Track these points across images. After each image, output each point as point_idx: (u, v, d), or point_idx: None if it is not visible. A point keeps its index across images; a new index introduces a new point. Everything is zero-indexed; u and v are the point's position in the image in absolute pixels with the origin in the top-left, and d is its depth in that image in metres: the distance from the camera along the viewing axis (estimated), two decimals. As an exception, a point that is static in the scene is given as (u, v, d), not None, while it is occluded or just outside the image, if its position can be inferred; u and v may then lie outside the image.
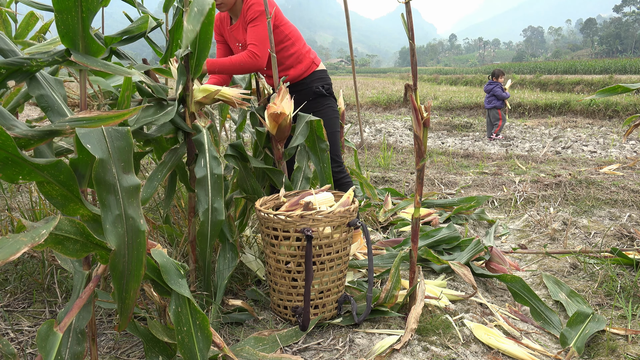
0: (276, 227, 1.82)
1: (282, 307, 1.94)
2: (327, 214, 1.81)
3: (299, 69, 2.44)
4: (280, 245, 1.84)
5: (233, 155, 2.15)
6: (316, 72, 2.49)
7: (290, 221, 1.78)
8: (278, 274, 1.89)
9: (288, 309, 1.91)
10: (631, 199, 3.78)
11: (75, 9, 1.21)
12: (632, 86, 2.63)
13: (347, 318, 1.93)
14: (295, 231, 1.79)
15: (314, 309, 1.90)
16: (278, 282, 1.90)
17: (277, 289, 1.93)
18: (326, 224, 1.81)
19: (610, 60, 34.46)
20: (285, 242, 1.82)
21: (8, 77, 1.23)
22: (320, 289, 1.89)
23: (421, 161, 1.80)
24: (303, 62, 2.41)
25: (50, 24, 3.37)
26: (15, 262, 2.23)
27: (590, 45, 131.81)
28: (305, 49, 2.45)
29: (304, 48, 2.46)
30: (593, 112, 11.10)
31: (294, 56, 2.39)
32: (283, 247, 1.84)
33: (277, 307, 1.97)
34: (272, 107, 2.09)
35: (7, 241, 0.93)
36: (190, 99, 1.91)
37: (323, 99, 2.50)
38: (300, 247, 1.82)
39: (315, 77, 2.48)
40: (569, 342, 1.79)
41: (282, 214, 1.80)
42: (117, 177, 1.12)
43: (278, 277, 1.89)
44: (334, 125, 2.54)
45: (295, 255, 1.84)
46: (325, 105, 2.53)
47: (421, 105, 1.75)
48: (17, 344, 1.70)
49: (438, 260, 2.42)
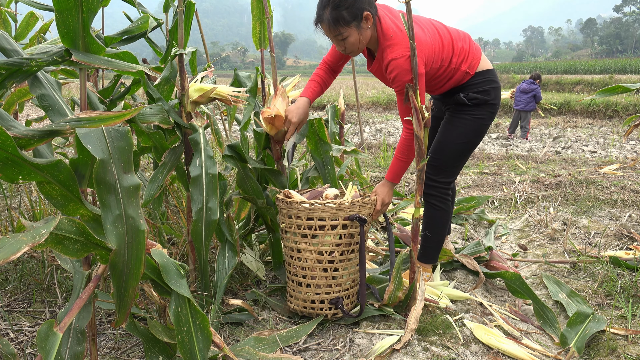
0: (323, 217, 1.81)
1: (317, 302, 1.91)
2: (368, 202, 1.89)
3: (448, 86, 2.08)
4: (325, 235, 1.83)
5: (231, 156, 2.15)
6: (470, 80, 2.05)
7: (342, 209, 1.81)
8: (319, 267, 1.87)
9: (325, 303, 1.90)
10: (631, 199, 3.78)
11: (76, 9, 1.21)
12: (632, 86, 2.63)
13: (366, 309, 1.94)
14: (344, 218, 1.82)
15: (347, 298, 1.94)
16: (317, 275, 1.88)
17: (314, 284, 1.89)
18: (368, 211, 1.88)
19: (610, 60, 34.47)
20: (332, 231, 1.83)
21: (8, 78, 1.23)
22: (353, 278, 1.92)
23: (422, 161, 1.80)
24: (454, 77, 2.03)
25: (50, 24, 3.37)
26: (15, 262, 2.23)
27: (590, 45, 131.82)
28: (456, 63, 2.01)
29: (456, 60, 2.01)
30: (593, 112, 11.10)
31: (442, 76, 2.04)
32: (328, 237, 1.84)
33: (309, 303, 1.92)
34: (266, 111, 2.04)
35: (7, 241, 0.93)
36: (187, 98, 1.91)
37: (463, 107, 2.08)
38: (346, 235, 1.85)
39: (466, 85, 2.06)
40: (569, 342, 1.79)
41: (332, 202, 1.82)
42: (117, 177, 1.12)
43: (319, 270, 1.87)
44: (464, 136, 2.07)
45: (340, 244, 1.86)
46: (459, 114, 2.09)
47: (422, 105, 1.75)
48: (17, 344, 1.70)
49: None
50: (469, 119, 2.06)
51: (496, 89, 2.09)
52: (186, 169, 1.98)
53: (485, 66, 2.08)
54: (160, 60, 2.38)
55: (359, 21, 1.80)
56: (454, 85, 2.07)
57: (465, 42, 2.04)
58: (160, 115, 1.83)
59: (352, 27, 1.80)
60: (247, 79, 2.69)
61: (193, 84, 1.99)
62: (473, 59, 2.03)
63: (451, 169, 2.13)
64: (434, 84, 2.07)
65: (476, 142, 2.13)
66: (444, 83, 2.06)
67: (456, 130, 2.08)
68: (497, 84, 2.10)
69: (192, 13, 2.01)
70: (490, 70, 2.09)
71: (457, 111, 2.08)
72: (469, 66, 2.03)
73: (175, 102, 1.96)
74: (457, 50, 2.00)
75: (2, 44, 1.30)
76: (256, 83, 2.68)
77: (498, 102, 2.11)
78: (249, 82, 2.67)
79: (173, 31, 2.11)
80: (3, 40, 1.31)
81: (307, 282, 1.90)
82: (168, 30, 2.33)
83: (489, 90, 2.05)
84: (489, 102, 2.06)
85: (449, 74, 2.02)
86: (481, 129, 2.10)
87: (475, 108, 2.06)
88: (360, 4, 1.78)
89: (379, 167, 5.42)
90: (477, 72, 2.05)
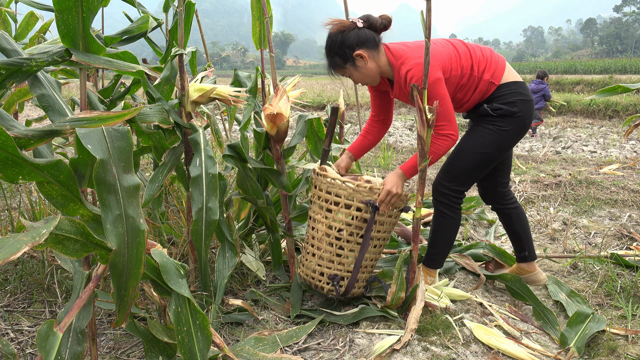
0: (340, 194, 1.87)
1: (317, 274, 1.98)
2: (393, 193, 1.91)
3: (473, 100, 2.03)
4: (338, 212, 1.89)
5: (231, 156, 2.15)
6: (495, 91, 2.00)
7: (359, 191, 1.86)
8: (326, 240, 1.93)
9: (324, 276, 1.96)
10: (631, 199, 3.78)
11: (76, 8, 1.21)
12: (632, 86, 2.63)
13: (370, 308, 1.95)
14: (359, 201, 1.86)
15: (342, 280, 1.97)
16: (322, 247, 1.95)
17: (318, 255, 1.97)
18: (389, 202, 1.88)
19: (610, 60, 34.47)
20: (346, 210, 1.88)
21: (8, 78, 1.23)
22: (352, 262, 1.94)
23: (424, 161, 1.79)
24: (478, 87, 1.98)
25: (50, 24, 3.37)
26: (15, 262, 2.23)
27: (590, 45, 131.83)
28: (477, 71, 1.97)
29: (477, 69, 1.98)
30: (593, 112, 11.10)
31: (467, 86, 2.00)
32: (341, 214, 1.89)
33: (311, 272, 2.00)
34: (268, 108, 2.05)
35: (7, 241, 0.93)
36: (187, 98, 1.91)
37: (487, 117, 2.01)
38: (359, 218, 1.88)
39: (491, 97, 2.01)
40: (569, 342, 1.80)
41: (352, 182, 1.86)
42: (117, 177, 1.12)
43: (325, 243, 1.94)
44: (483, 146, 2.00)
45: (351, 225, 1.90)
46: (482, 124, 2.03)
47: (426, 105, 1.74)
48: (17, 344, 1.70)
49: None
50: (491, 128, 1.99)
51: (525, 102, 1.98)
52: (186, 169, 1.98)
53: (512, 78, 2.01)
54: (160, 60, 2.38)
55: (352, 62, 1.93)
56: (480, 99, 2.02)
57: (484, 51, 2.02)
58: (160, 115, 1.83)
59: (348, 67, 1.95)
60: (247, 79, 2.69)
61: (193, 84, 1.99)
62: (496, 69, 1.98)
63: (465, 178, 2.05)
64: (460, 97, 2.02)
65: (496, 156, 2.03)
66: (470, 95, 2.01)
67: (476, 139, 2.02)
68: (526, 97, 1.99)
69: (192, 13, 2.01)
70: (518, 82, 2.00)
71: (480, 121, 2.04)
72: (493, 75, 1.98)
73: (175, 102, 1.96)
74: (475, 58, 1.98)
75: (2, 44, 1.30)
76: (256, 83, 2.68)
77: (527, 116, 1.99)
78: (249, 82, 2.67)
79: (173, 31, 2.11)
80: (3, 40, 1.31)
81: (314, 251, 1.99)
82: (168, 30, 2.33)
83: (515, 102, 1.96)
84: (515, 114, 1.96)
85: (473, 83, 1.98)
86: (504, 142, 2.00)
87: (499, 119, 1.98)
88: (346, 47, 1.90)
89: (378, 167, 5.42)
90: (502, 83, 1.99)
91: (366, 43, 1.90)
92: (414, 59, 1.86)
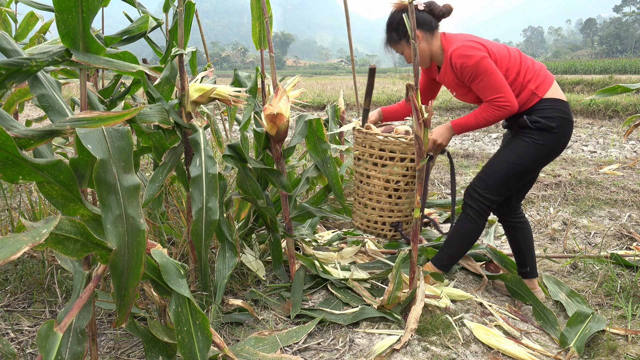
0: (394, 150, 2.05)
1: (380, 224, 2.20)
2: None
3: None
4: (394, 166, 2.08)
5: (231, 156, 2.15)
6: (537, 104, 1.99)
7: (411, 144, 2.03)
8: (384, 193, 2.14)
9: (386, 225, 2.19)
10: (631, 199, 3.78)
11: (76, 9, 1.21)
12: (632, 86, 2.63)
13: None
14: (412, 153, 2.04)
15: (406, 224, 2.21)
16: (382, 200, 2.16)
17: (378, 207, 2.17)
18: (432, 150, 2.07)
19: (610, 60, 34.49)
20: (401, 163, 2.08)
21: (8, 78, 1.23)
22: (413, 207, 1.99)
23: (422, 161, 1.80)
24: (520, 94, 2.00)
25: (50, 24, 3.37)
26: (15, 262, 2.23)
27: (590, 45, 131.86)
28: (523, 78, 2.00)
29: (523, 75, 2.00)
30: (593, 112, 11.10)
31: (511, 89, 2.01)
32: (397, 167, 2.09)
33: (373, 223, 2.21)
34: (268, 108, 2.06)
35: (7, 241, 0.93)
36: (187, 98, 1.91)
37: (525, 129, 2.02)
38: (413, 168, 2.09)
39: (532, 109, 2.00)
40: (569, 342, 1.80)
41: (404, 137, 2.03)
42: (117, 177, 1.12)
43: (383, 195, 2.15)
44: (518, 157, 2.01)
45: (406, 175, 2.11)
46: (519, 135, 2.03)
47: (422, 105, 1.75)
48: (17, 344, 1.70)
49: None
50: (527, 141, 2.00)
51: (564, 120, 1.98)
52: (186, 169, 1.98)
53: (556, 95, 2.01)
54: (160, 60, 2.38)
55: (407, 39, 2.08)
56: (521, 108, 2.02)
57: (535, 64, 2.05)
58: (160, 115, 1.83)
59: (402, 43, 2.11)
60: (247, 79, 2.69)
61: (193, 84, 1.99)
62: (542, 82, 2.00)
63: (498, 187, 2.06)
64: None
65: (530, 169, 2.03)
66: None
67: (512, 150, 2.04)
68: (567, 116, 1.99)
69: (192, 13, 2.01)
70: (561, 100, 2.00)
71: (518, 133, 2.05)
72: (537, 87, 1.99)
73: (175, 102, 1.96)
74: (524, 66, 2.02)
75: (2, 44, 1.30)
76: (256, 83, 2.68)
77: (564, 133, 1.99)
78: (249, 82, 2.67)
79: (173, 31, 2.11)
80: (3, 40, 1.31)
81: (373, 205, 2.18)
82: (168, 30, 2.32)
83: (554, 118, 1.96)
84: (552, 129, 1.96)
85: (516, 89, 1.99)
86: (538, 156, 2.01)
87: (536, 132, 1.99)
88: (403, 25, 2.04)
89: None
90: (545, 97, 1.99)
91: (422, 25, 2.04)
92: (461, 41, 1.99)
